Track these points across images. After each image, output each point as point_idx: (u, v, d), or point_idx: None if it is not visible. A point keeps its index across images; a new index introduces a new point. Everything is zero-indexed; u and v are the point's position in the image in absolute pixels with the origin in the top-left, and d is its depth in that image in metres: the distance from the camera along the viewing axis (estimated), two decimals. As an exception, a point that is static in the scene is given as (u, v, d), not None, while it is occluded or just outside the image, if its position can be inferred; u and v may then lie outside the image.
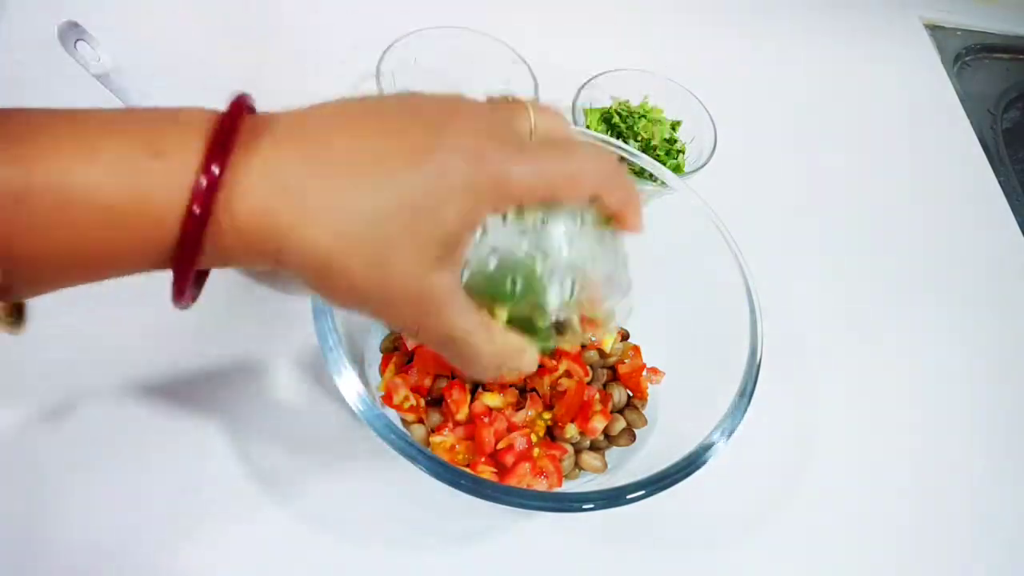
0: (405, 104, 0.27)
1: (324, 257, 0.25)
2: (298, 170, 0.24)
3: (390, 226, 0.25)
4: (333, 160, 0.24)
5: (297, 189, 0.24)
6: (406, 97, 0.28)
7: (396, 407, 0.47)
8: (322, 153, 0.25)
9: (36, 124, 0.23)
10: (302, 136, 0.25)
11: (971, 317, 0.67)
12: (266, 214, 0.24)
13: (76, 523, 0.42)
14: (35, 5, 0.64)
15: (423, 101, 0.28)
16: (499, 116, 0.28)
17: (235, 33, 0.68)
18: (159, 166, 0.23)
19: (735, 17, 0.89)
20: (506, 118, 0.28)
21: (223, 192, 0.23)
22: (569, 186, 0.28)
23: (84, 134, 0.23)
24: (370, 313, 0.27)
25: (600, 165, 0.29)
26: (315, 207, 0.24)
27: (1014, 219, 0.76)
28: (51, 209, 0.22)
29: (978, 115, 0.87)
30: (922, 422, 0.59)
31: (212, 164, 0.23)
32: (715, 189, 0.54)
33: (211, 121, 0.24)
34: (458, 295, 0.28)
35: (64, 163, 0.22)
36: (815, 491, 0.53)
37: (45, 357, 0.47)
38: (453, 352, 0.29)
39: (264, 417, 0.48)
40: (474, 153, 0.25)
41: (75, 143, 0.23)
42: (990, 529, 0.55)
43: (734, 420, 0.43)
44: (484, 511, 0.46)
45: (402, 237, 0.25)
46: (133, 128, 0.24)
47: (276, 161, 0.24)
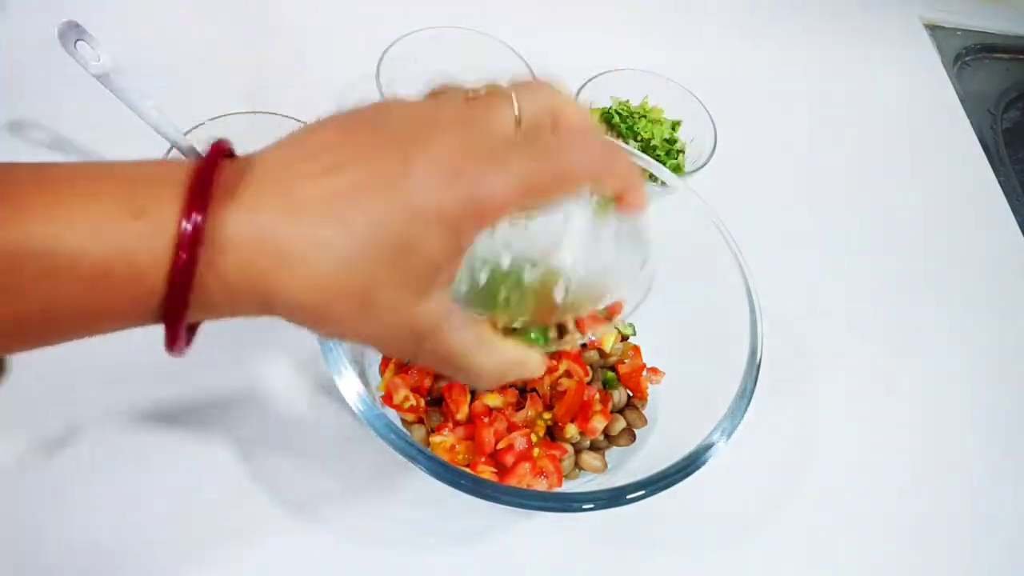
0: (377, 122, 0.26)
1: (309, 306, 0.25)
2: (274, 217, 0.24)
3: (370, 267, 0.24)
4: (308, 201, 0.24)
5: (274, 239, 0.23)
6: (379, 111, 0.27)
7: (396, 407, 0.47)
8: (297, 195, 0.24)
9: (14, 184, 0.23)
10: (277, 179, 0.24)
11: (971, 317, 0.67)
12: (248, 266, 0.24)
13: (77, 525, 0.42)
14: (35, 5, 0.64)
15: (395, 116, 0.27)
16: (476, 118, 0.26)
17: (235, 33, 0.68)
18: (140, 226, 0.23)
19: (735, 17, 0.89)
20: (484, 118, 0.27)
21: (205, 247, 0.23)
22: (557, 185, 0.26)
23: (65, 197, 0.23)
24: (361, 343, 0.27)
25: (589, 154, 0.27)
26: (293, 256, 0.24)
27: (1014, 219, 0.76)
28: (36, 275, 0.22)
29: (978, 115, 0.87)
30: (922, 422, 0.59)
31: (191, 219, 0.22)
32: (715, 189, 0.54)
33: (189, 175, 0.24)
34: (449, 317, 0.27)
35: (49, 228, 0.22)
36: (815, 491, 0.53)
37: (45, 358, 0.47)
38: (454, 370, 0.29)
39: (264, 417, 0.48)
40: (448, 175, 0.24)
41: (58, 208, 0.22)
42: (990, 529, 0.54)
43: (734, 420, 0.43)
44: (484, 511, 0.46)
45: (383, 276, 0.24)
46: (113, 189, 0.23)
47: (253, 210, 0.24)
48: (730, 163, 0.66)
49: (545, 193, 0.26)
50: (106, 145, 0.57)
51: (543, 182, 0.26)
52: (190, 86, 0.58)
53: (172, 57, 0.62)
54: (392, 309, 0.25)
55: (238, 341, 0.50)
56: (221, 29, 0.68)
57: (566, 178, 0.27)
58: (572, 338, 0.33)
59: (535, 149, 0.26)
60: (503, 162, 0.25)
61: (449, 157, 0.25)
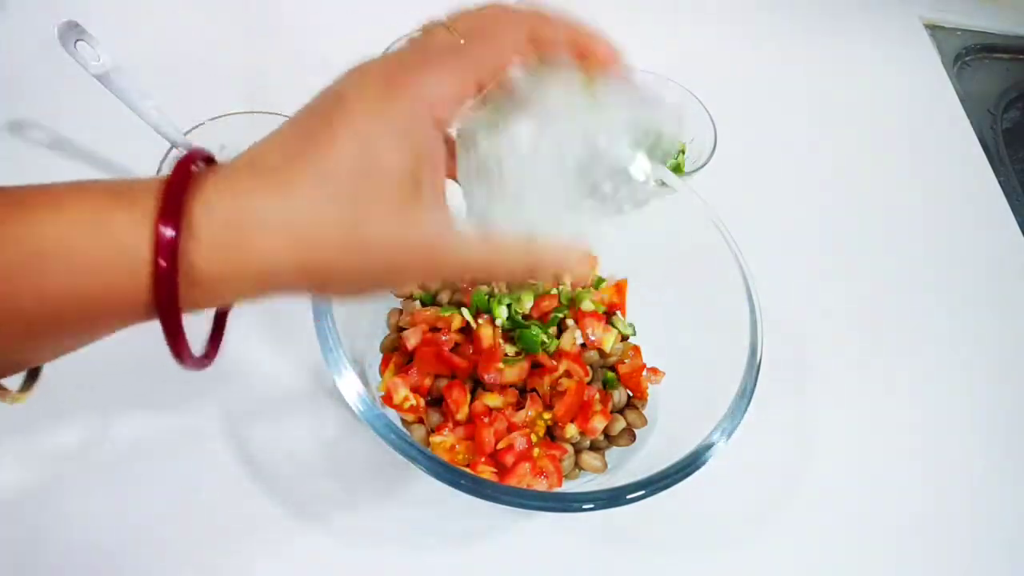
0: (325, 88, 0.27)
1: (305, 263, 0.24)
2: (244, 199, 0.24)
3: (342, 200, 0.24)
4: (269, 172, 0.24)
5: (247, 218, 0.24)
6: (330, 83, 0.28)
7: (396, 407, 0.47)
8: (259, 171, 0.24)
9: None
10: (246, 165, 0.25)
11: (971, 317, 0.67)
12: (229, 250, 0.24)
13: (76, 524, 0.42)
14: (35, 5, 0.64)
15: (342, 75, 0.27)
16: (408, 42, 0.27)
17: (235, 33, 0.68)
18: (124, 215, 0.23)
19: (735, 17, 0.89)
20: (415, 40, 0.28)
21: (185, 239, 0.23)
22: (494, 53, 0.27)
23: (47, 191, 0.23)
24: (384, 289, 0.27)
25: (517, 16, 0.28)
26: (270, 228, 0.24)
27: (1014, 219, 0.76)
28: (24, 261, 0.22)
29: (978, 115, 0.87)
30: (922, 422, 0.59)
31: (169, 210, 0.23)
32: (715, 189, 0.54)
33: (166, 180, 0.24)
34: (451, 225, 0.27)
35: (34, 215, 0.22)
36: (815, 491, 0.53)
37: (45, 357, 0.47)
38: (482, 279, 0.29)
39: (264, 417, 0.48)
40: (385, 87, 0.25)
41: (41, 199, 0.23)
42: (990, 529, 0.54)
43: (734, 420, 0.43)
44: (484, 511, 0.46)
45: (360, 203, 0.24)
46: (95, 185, 0.24)
47: (225, 198, 0.24)
48: (730, 163, 0.66)
49: (486, 62, 0.26)
50: (106, 145, 0.57)
51: (478, 56, 0.26)
52: (190, 86, 0.58)
53: (172, 57, 0.62)
54: (384, 236, 0.25)
55: (237, 341, 0.50)
56: (221, 29, 0.68)
57: (499, 44, 0.27)
58: (640, 189, 0.30)
59: (468, 40, 0.27)
60: (434, 61, 0.26)
61: (378, 75, 0.25)
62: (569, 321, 0.50)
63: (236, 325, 0.52)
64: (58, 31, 0.47)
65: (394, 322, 0.52)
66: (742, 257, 0.48)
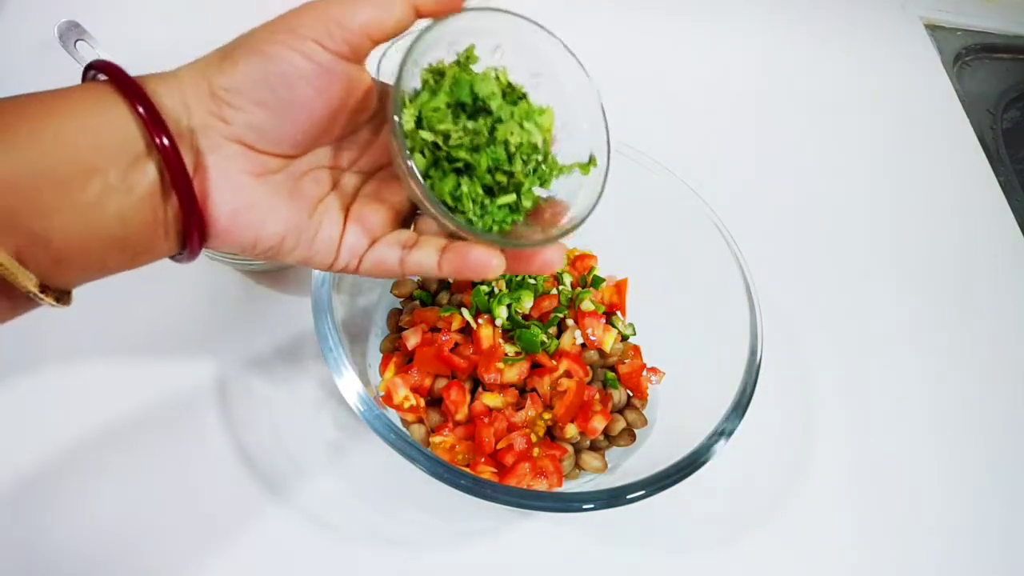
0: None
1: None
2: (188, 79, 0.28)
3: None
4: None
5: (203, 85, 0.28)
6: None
7: (396, 407, 0.47)
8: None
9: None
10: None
11: (971, 316, 0.67)
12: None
13: (75, 524, 0.42)
14: (35, 5, 0.64)
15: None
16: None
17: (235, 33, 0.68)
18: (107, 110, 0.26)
19: (735, 17, 0.89)
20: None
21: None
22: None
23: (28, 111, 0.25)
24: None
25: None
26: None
27: (1014, 219, 0.76)
28: (52, 187, 0.24)
29: (978, 115, 0.87)
30: (922, 421, 0.59)
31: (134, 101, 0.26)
32: (715, 189, 0.54)
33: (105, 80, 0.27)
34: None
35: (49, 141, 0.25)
36: (815, 491, 0.53)
37: (44, 358, 0.47)
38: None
39: (264, 418, 0.48)
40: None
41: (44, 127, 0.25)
42: (991, 530, 0.54)
43: (734, 420, 0.43)
44: (484, 511, 0.47)
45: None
46: (69, 104, 0.26)
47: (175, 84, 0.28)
48: (730, 163, 0.66)
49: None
50: (106, 145, 0.57)
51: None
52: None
53: (172, 57, 0.61)
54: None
55: (237, 341, 0.50)
56: (221, 29, 0.68)
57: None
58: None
59: None
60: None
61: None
62: (569, 321, 0.50)
63: (235, 326, 0.52)
64: (58, 31, 0.47)
65: (394, 322, 0.52)
66: (742, 257, 0.48)
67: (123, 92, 0.26)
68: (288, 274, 0.54)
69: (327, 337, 0.41)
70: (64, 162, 0.25)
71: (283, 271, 0.54)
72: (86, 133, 0.25)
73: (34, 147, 0.24)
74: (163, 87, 0.27)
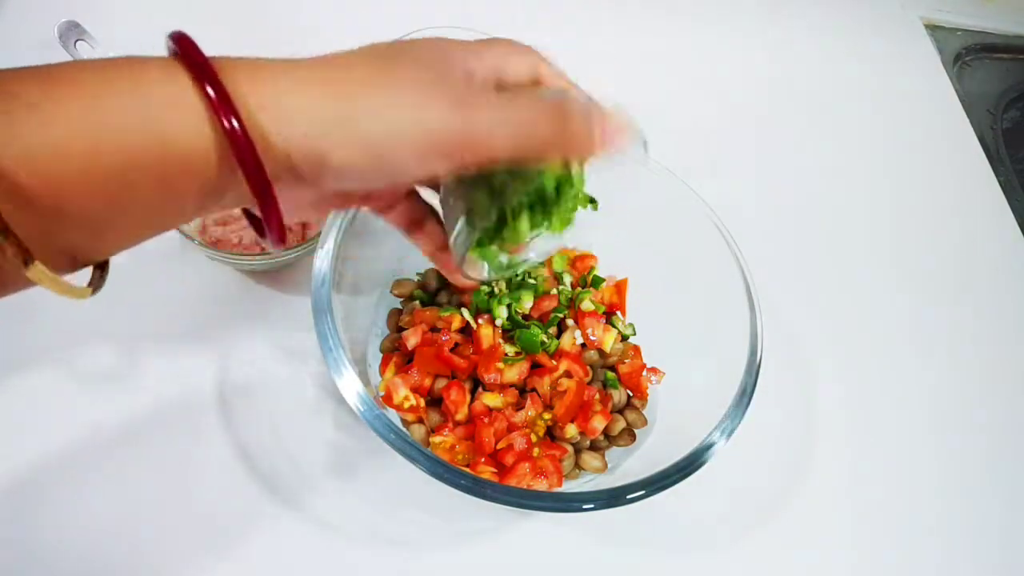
0: (388, 47, 0.28)
1: (365, 147, 0.26)
2: (295, 87, 0.25)
3: (417, 87, 0.26)
4: (310, 78, 0.26)
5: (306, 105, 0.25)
6: (376, 46, 0.29)
7: (396, 407, 0.47)
8: (300, 75, 0.26)
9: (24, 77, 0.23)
10: (275, 65, 0.26)
11: (971, 316, 0.67)
12: (291, 130, 0.25)
13: (75, 524, 0.42)
14: (35, 5, 0.64)
15: (411, 44, 0.29)
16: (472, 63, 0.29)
17: (236, 33, 0.68)
18: (173, 94, 0.24)
19: (734, 17, 0.89)
20: (478, 64, 0.29)
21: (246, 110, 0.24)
22: (545, 147, 0.28)
23: (82, 82, 0.23)
24: (427, 160, 0.27)
25: (580, 124, 0.29)
26: (337, 120, 0.25)
27: (1014, 219, 0.76)
28: (113, 156, 0.22)
29: (978, 115, 0.87)
30: (921, 421, 0.59)
31: (207, 86, 0.24)
32: (715, 189, 0.54)
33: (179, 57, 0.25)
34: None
35: (77, 103, 0.22)
36: (815, 491, 0.53)
37: (42, 358, 0.47)
38: (509, 135, 0.29)
39: (264, 418, 0.48)
40: (454, 102, 0.27)
41: (75, 88, 0.23)
42: (991, 531, 0.54)
43: (734, 420, 0.43)
44: (484, 511, 0.47)
45: (430, 89, 0.26)
46: (125, 71, 0.24)
47: (272, 82, 0.25)
48: (730, 163, 0.66)
49: (529, 149, 0.28)
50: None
51: (533, 137, 0.27)
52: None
53: (172, 57, 0.62)
54: (441, 126, 0.26)
55: (237, 341, 0.50)
56: (221, 29, 0.68)
57: (565, 143, 0.28)
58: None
59: (534, 105, 0.28)
60: (509, 107, 0.27)
61: (459, 87, 0.27)
62: (569, 321, 0.50)
63: (237, 324, 0.52)
64: (58, 31, 0.47)
65: (394, 322, 0.52)
66: (742, 257, 0.48)
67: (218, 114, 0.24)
68: (288, 274, 0.54)
69: (327, 337, 0.40)
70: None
71: (283, 271, 0.54)
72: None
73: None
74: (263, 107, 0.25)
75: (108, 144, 0.22)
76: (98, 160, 0.22)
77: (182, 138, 0.24)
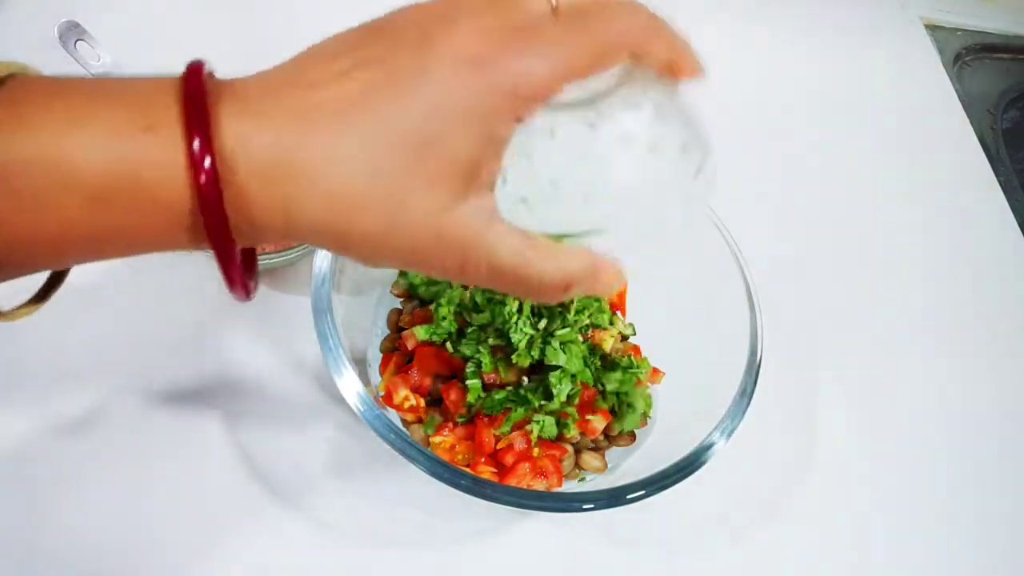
0: (390, 21, 0.24)
1: (334, 224, 0.23)
2: (286, 131, 0.22)
3: (393, 174, 0.22)
4: (320, 111, 0.22)
5: (288, 153, 0.22)
6: (393, 12, 0.25)
7: (396, 407, 0.47)
8: (308, 104, 0.22)
9: (28, 93, 0.22)
10: (283, 89, 0.23)
11: (971, 316, 0.67)
12: (263, 183, 0.22)
13: (76, 528, 0.42)
14: (35, 5, 0.64)
15: (412, 10, 0.24)
16: (503, 3, 0.24)
17: (236, 33, 0.68)
18: (150, 141, 0.21)
19: (733, 17, 0.89)
20: (511, 3, 0.24)
21: (219, 161, 0.21)
22: (598, 60, 0.24)
23: (76, 109, 0.21)
24: (405, 267, 0.25)
25: (630, 18, 0.25)
26: (308, 173, 0.22)
27: (1014, 219, 0.76)
28: (49, 187, 0.21)
29: (978, 115, 0.87)
30: (922, 421, 0.59)
31: (194, 136, 0.21)
32: (715, 189, 0.54)
33: (181, 87, 0.23)
34: (496, 222, 0.25)
35: (56, 140, 0.21)
36: (815, 491, 0.53)
37: (44, 363, 0.47)
38: (512, 283, 0.26)
39: (264, 418, 0.48)
40: (473, 62, 0.22)
41: (66, 120, 0.21)
42: (992, 532, 0.54)
43: (734, 420, 0.43)
44: (484, 511, 0.46)
45: (409, 179, 0.22)
46: (118, 100, 0.22)
47: (262, 123, 0.22)
48: (729, 163, 0.66)
49: (584, 71, 0.24)
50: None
51: (581, 58, 0.23)
52: (190, 86, 0.58)
53: (172, 57, 0.61)
54: (425, 217, 0.23)
55: (237, 341, 0.50)
56: (221, 29, 0.68)
57: (608, 50, 0.24)
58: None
59: (569, 22, 0.24)
60: (531, 42, 0.23)
61: (470, 44, 0.23)
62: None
63: (236, 324, 0.52)
64: (58, 31, 0.47)
65: (394, 322, 0.52)
66: (742, 257, 0.48)
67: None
68: (288, 274, 0.54)
69: (327, 337, 0.40)
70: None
71: (283, 271, 0.54)
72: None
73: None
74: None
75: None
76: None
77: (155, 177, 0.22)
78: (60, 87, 0.22)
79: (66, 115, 0.21)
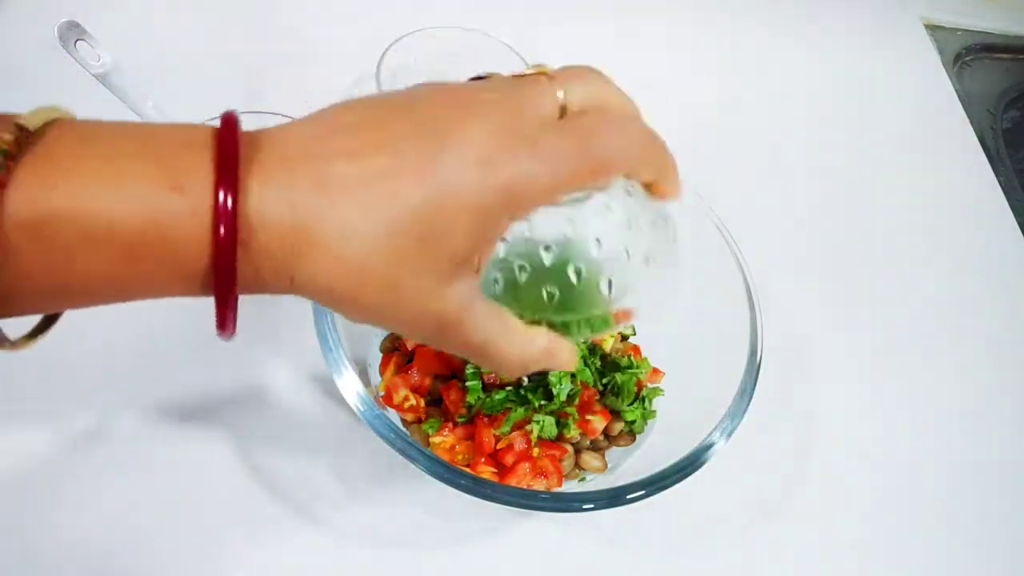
0: (411, 107, 0.26)
1: (336, 291, 0.25)
2: (306, 196, 0.24)
3: (398, 250, 0.24)
4: (340, 182, 0.24)
5: (305, 219, 0.23)
6: (414, 96, 0.27)
7: (396, 407, 0.47)
8: (330, 174, 0.24)
9: (55, 142, 0.22)
10: (308, 155, 0.24)
11: (971, 317, 0.67)
12: (278, 246, 0.24)
13: (77, 529, 0.42)
14: (35, 5, 0.64)
15: (431, 101, 0.26)
16: (515, 102, 0.26)
17: (235, 33, 0.68)
18: (178, 199, 0.22)
19: (733, 17, 0.89)
20: (523, 103, 0.26)
21: (242, 223, 0.23)
22: (593, 174, 0.26)
23: (104, 153, 0.23)
24: (387, 329, 0.27)
25: (629, 142, 0.27)
26: (323, 240, 0.24)
27: (1014, 219, 0.76)
28: (76, 241, 0.22)
29: (978, 115, 0.87)
30: (922, 423, 0.59)
31: (224, 195, 0.22)
32: (715, 189, 0.54)
33: (215, 147, 0.24)
34: (473, 305, 0.27)
35: (88, 193, 0.22)
36: (815, 491, 0.53)
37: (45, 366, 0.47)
38: (477, 357, 0.29)
39: (264, 418, 0.48)
40: (480, 163, 0.24)
41: (97, 174, 0.22)
42: (992, 533, 0.54)
43: (734, 420, 0.43)
44: (484, 511, 0.46)
45: (411, 260, 0.24)
46: (150, 154, 0.23)
47: (285, 187, 0.24)
48: (729, 163, 0.66)
49: (581, 182, 0.26)
50: (106, 145, 0.57)
51: (578, 173, 0.26)
52: (190, 86, 0.58)
53: (172, 57, 0.62)
54: (416, 297, 0.25)
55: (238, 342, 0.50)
56: (221, 29, 0.68)
57: (603, 169, 0.26)
58: (609, 329, 0.31)
59: (573, 136, 0.26)
60: (538, 148, 0.25)
61: (482, 142, 0.24)
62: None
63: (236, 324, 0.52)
64: (58, 31, 0.47)
65: (394, 322, 0.51)
66: (742, 257, 0.49)
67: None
68: (288, 274, 0.54)
69: (327, 337, 0.41)
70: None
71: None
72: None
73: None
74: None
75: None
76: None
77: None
78: (93, 137, 0.23)
79: (99, 171, 0.22)
